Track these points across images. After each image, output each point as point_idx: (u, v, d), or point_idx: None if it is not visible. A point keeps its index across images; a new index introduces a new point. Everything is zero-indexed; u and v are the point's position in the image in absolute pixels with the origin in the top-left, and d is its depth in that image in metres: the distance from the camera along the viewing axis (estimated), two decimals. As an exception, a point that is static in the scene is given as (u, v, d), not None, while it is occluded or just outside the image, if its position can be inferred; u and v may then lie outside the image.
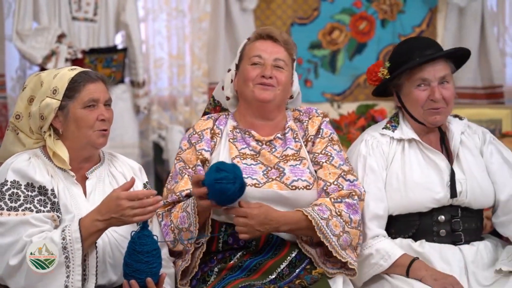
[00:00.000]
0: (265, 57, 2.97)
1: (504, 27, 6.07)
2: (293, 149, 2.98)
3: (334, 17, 5.96)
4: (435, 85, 3.02)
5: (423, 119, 3.07)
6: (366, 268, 2.98)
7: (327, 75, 5.99)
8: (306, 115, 3.07)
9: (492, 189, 3.08)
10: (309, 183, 2.91)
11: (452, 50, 3.11)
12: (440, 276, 2.89)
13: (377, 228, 3.01)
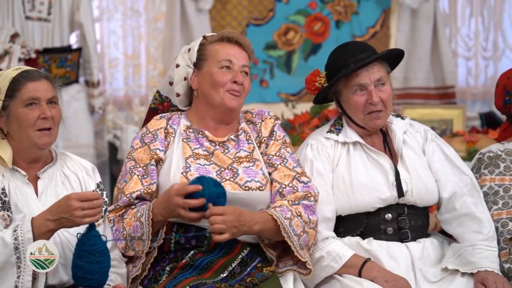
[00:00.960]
0: (235, 62, 2.97)
1: (456, 28, 6.18)
2: (246, 151, 3.00)
3: (289, 18, 6.01)
4: (372, 88, 3.04)
5: (364, 124, 3.10)
6: (318, 270, 3.00)
7: (283, 76, 6.04)
8: (259, 117, 3.09)
9: (436, 187, 3.12)
10: (262, 184, 2.93)
11: (384, 52, 3.13)
12: (392, 278, 2.93)
13: (326, 230, 3.03)
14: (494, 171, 3.17)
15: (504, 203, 3.10)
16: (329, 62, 3.15)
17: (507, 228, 3.05)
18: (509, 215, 3.07)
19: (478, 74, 6.24)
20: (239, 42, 3.00)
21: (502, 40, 6.21)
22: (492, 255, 3.00)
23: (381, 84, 3.06)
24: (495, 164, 3.18)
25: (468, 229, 3.05)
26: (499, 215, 3.08)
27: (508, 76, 3.23)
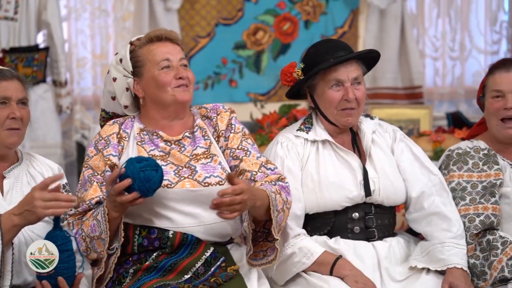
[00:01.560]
0: (172, 59, 2.95)
1: (423, 29, 6.23)
2: (203, 147, 2.98)
3: (258, 18, 6.02)
4: (349, 85, 3.08)
5: (335, 120, 3.12)
6: (289, 266, 3.01)
7: (252, 75, 6.05)
8: (214, 112, 3.08)
9: (403, 187, 3.15)
10: (221, 178, 2.91)
11: (365, 51, 3.18)
12: (362, 280, 2.95)
13: (297, 227, 3.05)
14: (462, 168, 3.21)
15: (471, 199, 3.13)
16: (307, 56, 3.17)
17: (473, 223, 3.08)
18: (476, 211, 3.10)
19: (445, 74, 6.29)
20: (169, 38, 2.99)
21: (469, 40, 6.27)
22: (461, 253, 3.03)
23: (357, 82, 3.10)
24: (463, 161, 3.22)
25: (437, 227, 3.08)
26: (466, 210, 3.12)
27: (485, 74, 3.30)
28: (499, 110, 3.18)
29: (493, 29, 6.24)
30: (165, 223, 2.86)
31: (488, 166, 3.18)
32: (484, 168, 3.18)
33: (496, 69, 3.22)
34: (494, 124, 3.21)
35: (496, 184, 3.14)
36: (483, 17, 6.25)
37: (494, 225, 3.09)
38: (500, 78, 3.19)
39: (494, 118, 3.20)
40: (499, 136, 3.22)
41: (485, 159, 3.20)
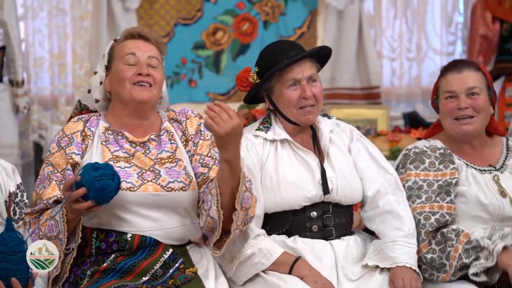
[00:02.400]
0: (138, 55, 2.95)
1: (381, 29, 6.28)
2: (168, 151, 2.98)
3: (217, 18, 6.02)
4: (305, 83, 3.11)
5: (296, 119, 3.15)
6: (249, 267, 3.02)
7: (212, 75, 6.05)
8: (183, 115, 3.09)
9: (360, 186, 3.19)
10: (185, 184, 2.92)
11: (317, 48, 3.21)
12: (321, 280, 2.97)
13: (257, 228, 3.06)
14: (419, 167, 3.25)
15: (427, 197, 3.17)
16: (260, 59, 3.19)
17: (429, 221, 3.12)
18: (431, 209, 3.14)
19: (402, 74, 6.34)
20: (142, 35, 2.99)
21: (425, 41, 6.33)
22: (411, 252, 3.07)
23: (312, 80, 3.13)
24: (420, 160, 3.26)
25: (390, 225, 3.12)
26: (422, 208, 3.15)
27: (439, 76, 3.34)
28: (453, 110, 3.23)
29: (449, 30, 6.32)
30: (124, 226, 2.85)
31: (444, 165, 3.23)
32: (440, 167, 3.23)
33: (448, 71, 3.27)
34: (448, 123, 3.26)
35: (452, 183, 3.19)
36: (439, 19, 6.32)
37: (449, 224, 3.13)
38: (453, 79, 3.24)
39: (448, 118, 3.25)
40: (454, 134, 3.27)
41: (441, 158, 3.25)
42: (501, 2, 5.76)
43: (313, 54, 3.17)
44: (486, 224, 3.14)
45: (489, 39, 5.80)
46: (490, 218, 3.15)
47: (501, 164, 3.29)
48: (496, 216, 3.15)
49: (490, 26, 5.79)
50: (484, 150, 3.32)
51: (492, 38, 5.80)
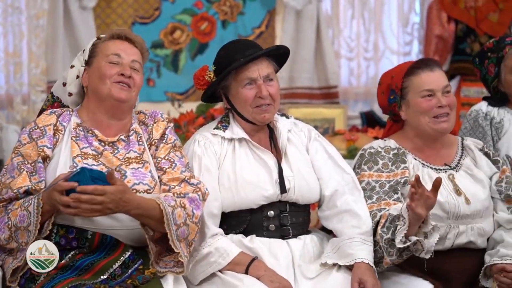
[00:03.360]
0: (123, 57, 2.97)
1: (338, 29, 6.32)
2: (136, 152, 2.99)
3: (175, 17, 6.01)
4: (261, 82, 3.11)
5: (252, 118, 3.16)
6: (205, 266, 3.02)
7: (170, 75, 6.03)
8: (152, 119, 3.09)
9: (318, 185, 3.20)
10: (150, 187, 2.92)
11: (274, 47, 3.22)
12: (277, 279, 2.98)
13: (215, 227, 3.06)
14: (373, 167, 3.27)
15: (377, 198, 3.20)
16: (217, 58, 3.19)
17: (375, 219, 3.15)
18: (379, 207, 3.17)
19: (360, 74, 6.40)
20: (129, 38, 3.03)
21: (382, 41, 6.39)
22: (368, 249, 3.09)
23: (269, 79, 3.13)
24: (374, 161, 3.28)
25: (348, 224, 3.14)
26: (371, 207, 3.18)
27: (392, 76, 3.32)
28: (432, 109, 3.23)
29: (405, 31, 6.39)
30: (86, 223, 2.84)
31: (396, 166, 3.26)
32: (392, 168, 3.25)
33: (420, 70, 3.25)
34: (425, 122, 3.25)
35: (400, 182, 3.21)
36: (396, 19, 6.39)
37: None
38: (428, 78, 3.24)
39: (426, 116, 3.24)
40: (431, 132, 3.27)
41: (394, 159, 3.27)
42: (456, 3, 5.84)
43: (271, 53, 3.18)
44: (442, 222, 3.18)
45: (444, 39, 5.87)
46: (446, 216, 3.19)
47: (456, 163, 3.33)
48: (452, 214, 3.19)
49: (446, 26, 5.87)
50: (442, 149, 3.35)
51: (447, 38, 5.87)
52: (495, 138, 3.67)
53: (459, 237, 3.20)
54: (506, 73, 3.68)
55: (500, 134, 3.67)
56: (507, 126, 3.68)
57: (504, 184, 3.29)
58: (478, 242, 3.23)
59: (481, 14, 5.78)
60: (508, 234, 3.23)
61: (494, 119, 3.69)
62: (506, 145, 3.63)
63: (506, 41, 3.73)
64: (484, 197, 3.25)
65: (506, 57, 3.68)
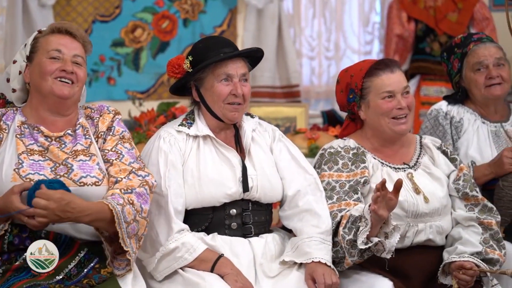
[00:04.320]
0: (64, 52, 2.93)
1: (300, 28, 6.34)
2: (83, 145, 2.95)
3: (136, 15, 5.97)
4: (237, 81, 3.12)
5: (222, 115, 3.16)
6: (171, 261, 3.01)
7: (131, 73, 5.99)
8: (97, 112, 3.06)
9: (280, 185, 3.22)
10: (98, 179, 2.89)
11: (254, 49, 3.24)
12: (242, 279, 2.98)
13: (181, 222, 3.06)
14: (333, 167, 3.29)
15: (338, 198, 3.22)
16: (195, 50, 3.18)
17: (336, 219, 3.16)
18: (339, 207, 3.19)
19: (321, 73, 6.43)
20: (69, 32, 2.97)
21: (343, 40, 6.42)
22: (327, 248, 3.11)
23: (244, 79, 3.15)
24: (334, 161, 3.30)
25: (307, 223, 3.16)
26: (331, 208, 3.20)
27: (352, 75, 3.33)
28: (392, 110, 3.25)
29: (366, 30, 6.43)
30: None
31: (355, 166, 3.28)
32: (352, 168, 3.27)
33: (381, 71, 3.27)
34: (385, 123, 3.27)
35: (360, 182, 3.24)
36: (357, 18, 6.43)
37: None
38: (389, 80, 3.26)
39: (386, 117, 3.27)
40: (390, 133, 3.30)
41: (354, 158, 3.30)
42: (416, 2, 5.90)
43: (249, 54, 3.20)
44: (401, 220, 3.21)
45: (404, 38, 5.92)
46: (405, 215, 3.22)
47: (415, 162, 3.36)
48: (411, 213, 3.22)
49: (406, 25, 5.92)
50: (400, 149, 3.38)
51: (407, 38, 5.92)
52: (455, 137, 3.72)
53: (418, 235, 3.23)
54: (467, 69, 3.74)
55: (460, 133, 3.72)
56: (466, 125, 3.73)
57: (462, 182, 3.33)
58: (436, 240, 3.27)
59: (440, 13, 5.84)
60: (466, 231, 3.27)
61: (454, 118, 3.73)
62: (465, 144, 3.69)
63: (473, 38, 3.78)
64: (442, 195, 3.28)
65: (469, 53, 3.73)
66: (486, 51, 3.70)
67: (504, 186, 3.50)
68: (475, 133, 3.70)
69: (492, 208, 3.33)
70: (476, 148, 3.67)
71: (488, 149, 3.65)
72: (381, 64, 3.29)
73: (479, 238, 3.23)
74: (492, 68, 3.68)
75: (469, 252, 3.18)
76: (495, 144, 3.67)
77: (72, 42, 2.97)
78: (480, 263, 3.16)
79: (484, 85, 3.70)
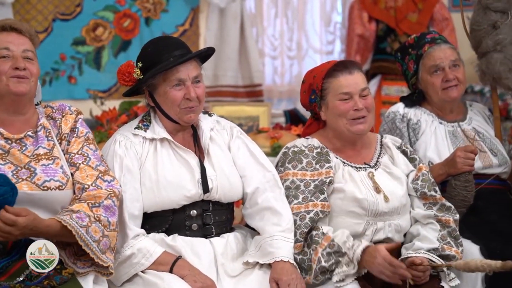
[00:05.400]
0: (13, 49, 2.88)
1: (262, 28, 6.36)
2: (45, 148, 2.91)
3: (97, 13, 5.94)
4: (190, 84, 3.10)
5: (178, 118, 3.14)
6: (128, 268, 2.99)
7: (92, 72, 5.96)
8: (59, 113, 3.02)
9: (240, 183, 3.21)
10: (62, 183, 2.86)
11: (204, 49, 3.22)
12: (201, 278, 2.97)
13: (136, 228, 3.04)
14: (297, 166, 3.30)
15: (304, 198, 3.22)
16: (144, 55, 3.15)
17: (304, 221, 3.17)
18: (306, 208, 3.20)
19: (283, 73, 6.45)
20: (14, 28, 2.93)
21: (305, 40, 6.46)
22: (289, 246, 3.12)
23: (196, 81, 3.13)
24: (298, 159, 3.31)
25: (268, 222, 3.16)
26: (298, 208, 3.20)
27: (314, 75, 3.34)
28: (348, 111, 3.27)
29: (328, 30, 6.47)
30: None
31: (320, 165, 3.29)
32: (316, 167, 3.29)
33: (339, 72, 3.28)
34: (343, 124, 3.29)
35: (326, 182, 3.25)
36: (318, 18, 6.46)
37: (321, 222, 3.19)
38: (346, 81, 3.27)
39: (344, 118, 3.28)
40: (348, 134, 3.31)
41: (318, 157, 3.31)
42: (377, 3, 5.95)
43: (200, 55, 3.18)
44: (361, 219, 3.23)
45: (366, 38, 5.97)
46: (364, 214, 3.24)
47: (375, 161, 3.39)
48: (370, 212, 3.25)
49: (367, 25, 5.96)
50: (361, 149, 3.40)
51: (368, 38, 5.97)
52: (413, 139, 3.74)
53: (377, 234, 3.26)
54: (423, 71, 3.76)
55: (418, 135, 3.75)
56: (424, 127, 3.75)
57: (420, 182, 3.37)
58: (395, 238, 3.30)
59: (401, 14, 5.90)
60: (424, 228, 3.31)
61: (411, 121, 3.76)
62: (423, 146, 3.72)
63: (426, 39, 3.80)
64: (402, 194, 3.32)
65: (424, 56, 3.76)
66: (442, 54, 3.73)
67: (456, 185, 3.54)
68: (432, 134, 3.73)
69: (450, 207, 3.37)
70: (434, 149, 3.70)
71: (446, 149, 3.69)
72: (340, 65, 3.31)
73: (437, 234, 3.27)
74: (448, 70, 3.71)
75: (426, 248, 3.22)
76: (453, 144, 3.71)
77: (19, 38, 2.92)
78: (436, 259, 3.19)
79: (441, 88, 3.73)
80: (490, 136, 3.83)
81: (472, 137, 3.75)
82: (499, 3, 3.84)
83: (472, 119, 3.86)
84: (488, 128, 3.87)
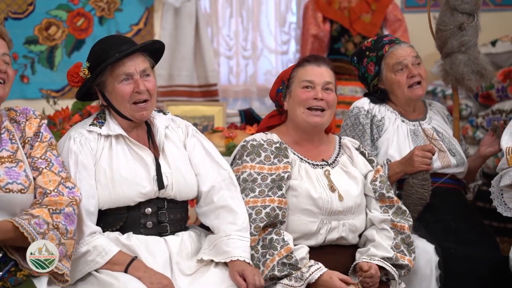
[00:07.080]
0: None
1: (217, 28, 6.35)
2: (9, 151, 2.90)
3: (50, 12, 5.88)
4: (138, 78, 3.10)
5: (130, 115, 3.13)
6: (83, 265, 2.97)
7: (45, 71, 5.89)
8: (23, 116, 3.00)
9: (195, 181, 3.22)
10: (25, 186, 2.84)
11: (149, 42, 3.21)
12: (156, 279, 2.96)
13: (93, 224, 3.02)
14: (255, 159, 3.31)
15: (260, 191, 3.23)
16: (91, 54, 3.15)
17: (260, 216, 3.18)
18: (263, 203, 3.21)
19: (239, 72, 6.45)
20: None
21: (260, 40, 6.46)
22: (245, 245, 3.13)
23: (146, 75, 3.12)
24: (257, 153, 3.32)
25: (224, 220, 3.17)
26: (254, 202, 3.22)
27: (290, 72, 3.41)
28: (308, 99, 3.31)
29: (283, 30, 6.49)
30: None
31: (278, 160, 3.31)
32: (274, 161, 3.30)
33: (308, 63, 3.36)
34: (299, 113, 3.32)
35: (284, 177, 3.27)
36: (273, 18, 6.48)
37: (280, 217, 3.21)
38: (312, 70, 3.33)
39: (302, 107, 3.32)
40: (304, 124, 3.34)
41: (276, 152, 3.33)
42: (331, 3, 5.98)
43: (146, 49, 3.16)
44: (315, 217, 3.26)
45: (320, 38, 6.00)
46: (319, 212, 3.27)
47: (333, 160, 3.42)
48: (325, 210, 3.27)
49: (321, 26, 6.00)
50: (320, 146, 3.43)
51: (323, 38, 6.00)
52: (376, 136, 3.76)
53: (331, 233, 3.28)
54: (387, 71, 3.80)
55: (381, 132, 3.77)
56: (387, 124, 3.78)
57: (378, 183, 3.41)
58: (349, 238, 3.33)
59: (355, 14, 5.95)
60: (379, 234, 3.34)
61: (376, 117, 3.78)
62: (386, 144, 3.74)
63: (384, 41, 3.85)
64: (357, 194, 3.35)
65: (386, 55, 3.80)
66: (403, 52, 3.78)
67: (414, 183, 3.59)
68: (395, 132, 3.76)
69: (405, 211, 3.41)
70: (396, 147, 3.73)
71: (407, 148, 3.71)
72: (311, 57, 3.40)
73: (391, 243, 3.30)
74: (412, 67, 3.76)
75: (380, 256, 3.25)
76: (414, 143, 3.74)
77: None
78: (389, 268, 3.23)
79: (407, 85, 3.76)
80: (449, 136, 3.88)
81: (431, 137, 3.80)
82: (467, 5, 3.91)
83: (432, 118, 3.91)
84: (447, 128, 3.93)
